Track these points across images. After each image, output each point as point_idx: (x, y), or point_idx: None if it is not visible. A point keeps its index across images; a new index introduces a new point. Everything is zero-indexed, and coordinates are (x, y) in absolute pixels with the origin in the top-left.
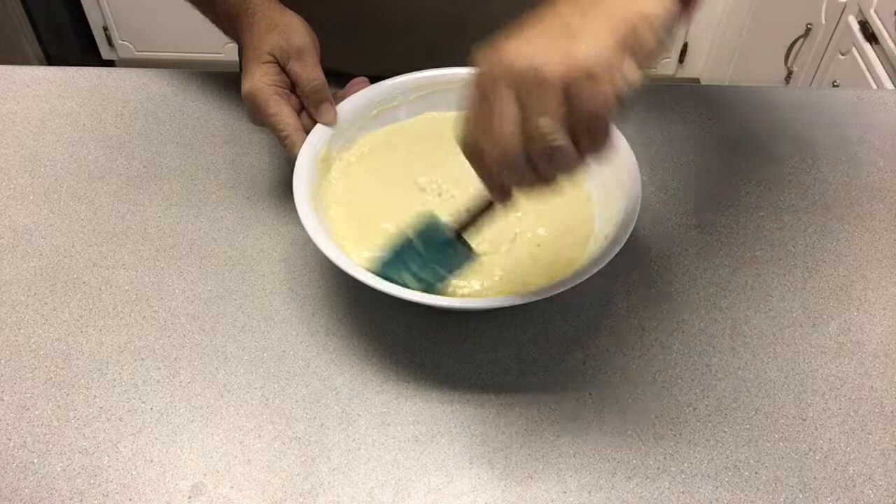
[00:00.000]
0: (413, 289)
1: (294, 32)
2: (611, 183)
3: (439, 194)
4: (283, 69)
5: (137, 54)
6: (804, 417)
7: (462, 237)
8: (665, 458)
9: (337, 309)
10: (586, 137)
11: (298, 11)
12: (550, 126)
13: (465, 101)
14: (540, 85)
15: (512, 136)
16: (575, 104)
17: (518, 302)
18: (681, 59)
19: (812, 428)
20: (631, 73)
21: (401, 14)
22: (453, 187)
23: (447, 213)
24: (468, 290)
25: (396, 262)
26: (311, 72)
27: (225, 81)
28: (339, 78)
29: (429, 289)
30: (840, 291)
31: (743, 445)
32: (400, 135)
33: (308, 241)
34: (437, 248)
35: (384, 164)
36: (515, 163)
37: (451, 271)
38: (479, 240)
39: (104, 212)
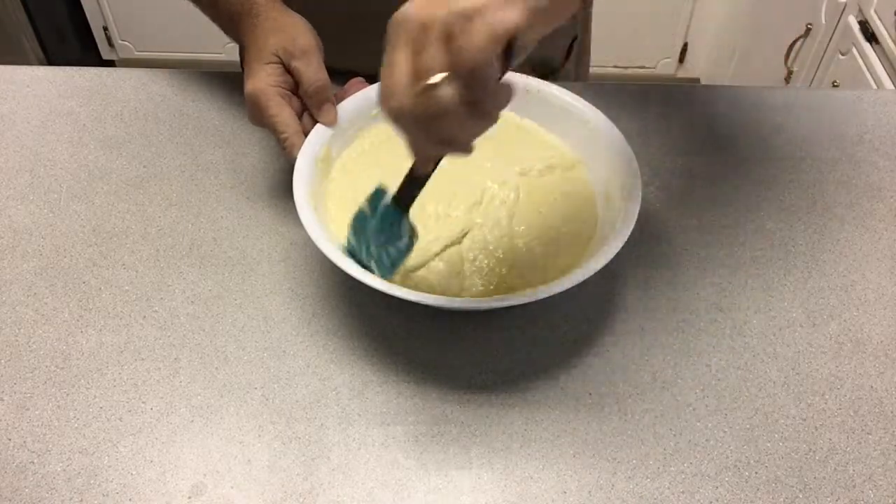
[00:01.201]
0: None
1: (298, 33)
2: (611, 183)
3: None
4: (287, 70)
5: (137, 54)
6: (804, 417)
7: (405, 211)
8: (665, 458)
9: (337, 309)
10: (474, 89)
11: (300, 11)
12: (434, 71)
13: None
14: (423, 31)
15: (405, 87)
16: (454, 48)
17: (518, 302)
18: (681, 59)
19: (812, 428)
20: (510, 16)
21: None
22: (453, 182)
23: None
24: (469, 291)
25: (359, 239)
26: (314, 72)
27: (225, 81)
28: (340, 76)
29: (386, 273)
30: (840, 291)
31: (743, 445)
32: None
33: (308, 241)
34: (387, 222)
35: (384, 164)
36: (410, 118)
37: (399, 251)
38: (479, 244)
39: (104, 212)
